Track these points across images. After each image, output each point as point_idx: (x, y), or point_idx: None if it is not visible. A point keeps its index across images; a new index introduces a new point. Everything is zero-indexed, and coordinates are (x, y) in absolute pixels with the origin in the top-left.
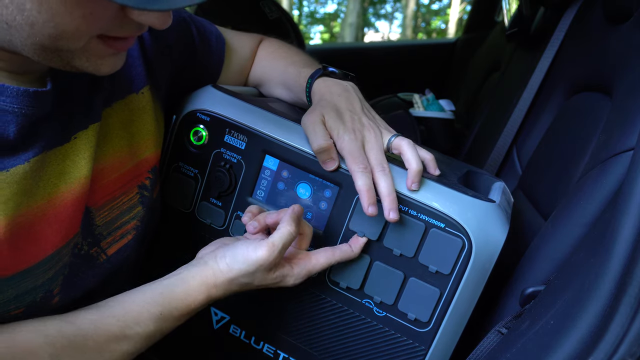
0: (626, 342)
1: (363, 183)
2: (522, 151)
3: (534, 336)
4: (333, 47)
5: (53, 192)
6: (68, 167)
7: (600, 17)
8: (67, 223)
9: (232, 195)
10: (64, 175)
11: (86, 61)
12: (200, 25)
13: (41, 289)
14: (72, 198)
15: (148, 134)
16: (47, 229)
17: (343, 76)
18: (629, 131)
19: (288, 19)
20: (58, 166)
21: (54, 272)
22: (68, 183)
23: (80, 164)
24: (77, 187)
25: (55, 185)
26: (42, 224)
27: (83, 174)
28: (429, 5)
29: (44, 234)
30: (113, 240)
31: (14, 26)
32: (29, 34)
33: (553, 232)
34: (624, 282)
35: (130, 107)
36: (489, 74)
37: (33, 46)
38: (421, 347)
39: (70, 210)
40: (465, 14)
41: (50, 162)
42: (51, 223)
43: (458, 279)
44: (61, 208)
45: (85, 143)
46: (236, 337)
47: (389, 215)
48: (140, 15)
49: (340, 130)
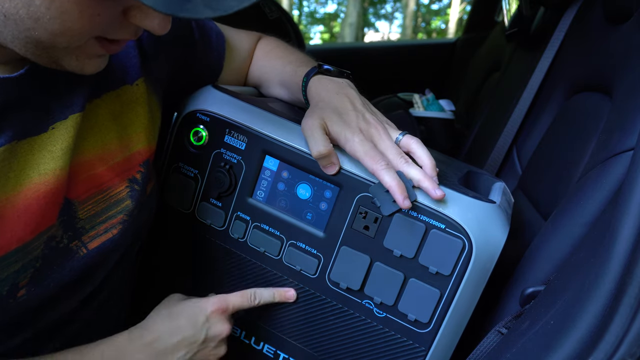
0: (626, 342)
1: (391, 178)
2: (522, 151)
3: (534, 336)
4: (333, 47)
5: (25, 183)
6: (43, 158)
7: (600, 17)
8: (38, 216)
9: (232, 195)
10: (38, 166)
11: (75, 60)
12: (200, 21)
13: (6, 282)
14: (46, 190)
15: (140, 127)
16: (16, 221)
17: (339, 74)
18: (629, 131)
19: (288, 19)
20: (33, 156)
21: (21, 264)
22: (42, 174)
23: (57, 154)
24: (52, 179)
25: (27, 176)
26: (11, 215)
27: (59, 165)
28: (429, 5)
29: (11, 227)
30: (96, 234)
31: (12, 19)
32: (28, 28)
33: (553, 232)
34: (624, 282)
35: (121, 99)
36: (489, 74)
37: (26, 39)
38: (421, 348)
39: (43, 202)
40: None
41: (23, 151)
42: (20, 215)
43: (458, 279)
44: (33, 200)
45: (64, 134)
46: (236, 337)
47: (436, 193)
48: (143, 19)
49: (347, 134)
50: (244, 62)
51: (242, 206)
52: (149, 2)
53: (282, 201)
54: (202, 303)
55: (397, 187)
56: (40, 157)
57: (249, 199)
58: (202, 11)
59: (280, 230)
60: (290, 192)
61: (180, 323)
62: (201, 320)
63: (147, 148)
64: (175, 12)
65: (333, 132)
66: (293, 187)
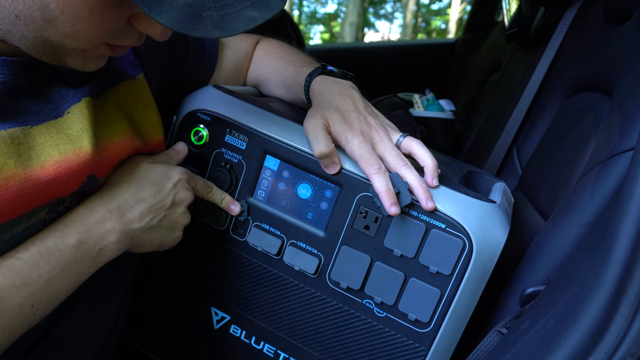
0: (626, 342)
1: (381, 184)
2: (522, 151)
3: (534, 336)
4: (333, 47)
5: (47, 160)
6: (62, 139)
7: (600, 17)
8: (56, 190)
9: (233, 195)
10: (58, 146)
11: (81, 60)
12: None
13: (9, 243)
14: (68, 167)
15: (148, 118)
16: (37, 193)
17: (342, 75)
18: (629, 131)
19: (288, 19)
20: (51, 138)
21: (26, 226)
22: (62, 153)
23: (75, 136)
24: (72, 157)
25: (48, 155)
26: (31, 187)
27: (78, 145)
28: (429, 5)
29: (29, 196)
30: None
31: (23, 19)
32: (39, 29)
33: (553, 232)
34: (624, 282)
35: (123, 93)
36: (489, 74)
37: (35, 39)
38: (421, 348)
39: (65, 178)
40: (465, 14)
41: (41, 134)
42: (42, 188)
43: (459, 279)
44: (55, 175)
45: (79, 116)
46: (236, 337)
47: (427, 204)
48: (147, 27)
49: (347, 134)
50: (241, 63)
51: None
52: (164, 21)
53: (283, 201)
54: (168, 170)
55: (386, 194)
56: (59, 138)
57: (250, 199)
58: (212, 31)
59: (280, 230)
60: (290, 192)
61: (145, 189)
62: (168, 186)
63: (157, 138)
64: (188, 31)
65: (334, 132)
66: (294, 186)
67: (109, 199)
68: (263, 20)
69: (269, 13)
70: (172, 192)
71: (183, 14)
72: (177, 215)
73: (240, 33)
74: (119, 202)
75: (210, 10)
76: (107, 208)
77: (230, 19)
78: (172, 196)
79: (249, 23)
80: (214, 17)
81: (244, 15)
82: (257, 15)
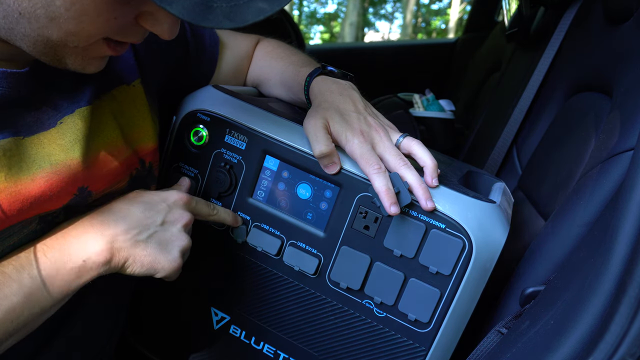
0: (626, 342)
1: (381, 184)
2: (522, 151)
3: (534, 336)
4: (333, 47)
5: (37, 172)
6: (54, 150)
7: (600, 17)
8: (46, 201)
9: (233, 195)
10: (49, 157)
11: (81, 60)
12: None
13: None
14: (58, 179)
15: (141, 125)
16: (27, 205)
17: (342, 75)
18: (629, 131)
19: (288, 19)
20: (43, 149)
21: (17, 239)
22: (53, 164)
23: (67, 147)
24: (64, 169)
25: (39, 167)
26: (22, 199)
27: (70, 156)
28: (429, 5)
29: (20, 207)
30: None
31: (27, 17)
32: (42, 26)
33: (553, 232)
34: (624, 282)
35: (120, 98)
36: (489, 74)
37: (37, 37)
38: (421, 348)
39: (55, 190)
40: (465, 14)
41: (33, 145)
42: (32, 201)
43: (458, 279)
44: (46, 188)
45: (72, 127)
46: (236, 337)
47: (427, 204)
48: (154, 24)
49: (347, 134)
50: (241, 63)
51: (242, 206)
52: (175, 11)
53: (283, 201)
54: (164, 193)
55: (385, 194)
56: (51, 149)
57: (249, 199)
58: (222, 22)
59: (280, 230)
60: (290, 192)
61: (135, 206)
62: (161, 205)
63: (149, 146)
64: (198, 21)
65: (334, 132)
66: (293, 186)
67: (95, 216)
68: (272, 11)
69: (278, 5)
70: (165, 211)
71: (194, 4)
72: (170, 234)
73: (250, 24)
74: (105, 217)
75: (221, 1)
76: (90, 222)
77: (240, 10)
78: (163, 214)
79: (259, 14)
80: (224, 8)
81: (254, 7)
82: (267, 7)
